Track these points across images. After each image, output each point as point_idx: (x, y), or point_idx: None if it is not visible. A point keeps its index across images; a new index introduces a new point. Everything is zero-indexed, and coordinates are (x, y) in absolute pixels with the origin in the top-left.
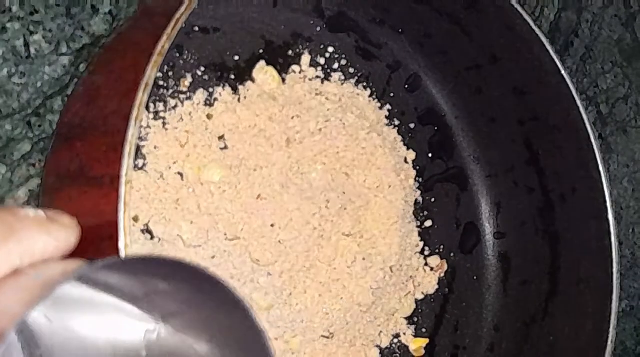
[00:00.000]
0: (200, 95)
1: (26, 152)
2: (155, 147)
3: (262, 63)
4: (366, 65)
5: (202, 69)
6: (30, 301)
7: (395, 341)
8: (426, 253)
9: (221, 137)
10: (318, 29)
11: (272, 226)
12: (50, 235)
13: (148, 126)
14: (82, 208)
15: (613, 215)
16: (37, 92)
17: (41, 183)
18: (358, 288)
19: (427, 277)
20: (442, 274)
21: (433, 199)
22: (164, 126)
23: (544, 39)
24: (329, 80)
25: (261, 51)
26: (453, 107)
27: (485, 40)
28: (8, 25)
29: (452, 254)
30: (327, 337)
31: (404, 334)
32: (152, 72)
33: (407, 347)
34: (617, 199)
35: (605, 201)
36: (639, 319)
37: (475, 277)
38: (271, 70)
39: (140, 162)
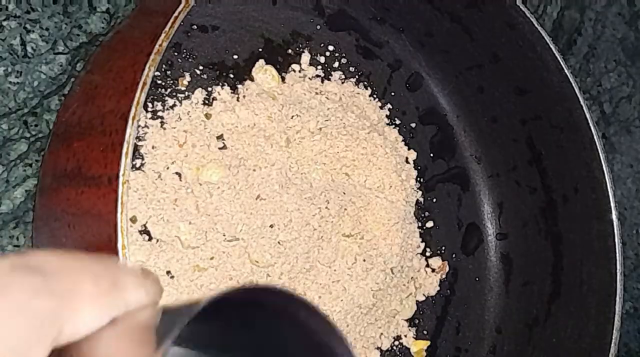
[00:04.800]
0: (199, 94)
1: (22, 151)
2: (153, 147)
3: (261, 62)
4: (367, 64)
5: (201, 67)
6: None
7: (396, 343)
8: (427, 254)
9: (220, 137)
10: (318, 27)
11: (271, 226)
12: (144, 289)
13: (146, 126)
14: (80, 208)
15: (616, 215)
16: (34, 91)
17: (38, 183)
18: (358, 290)
19: (429, 279)
20: (444, 276)
21: (434, 200)
22: (162, 126)
23: (546, 38)
24: (329, 79)
25: (260, 50)
26: (454, 107)
27: (486, 39)
28: (4, 23)
29: (453, 255)
30: None
31: (405, 336)
32: (150, 71)
33: (408, 349)
34: (621, 199)
35: (608, 201)
36: None
37: (477, 279)
38: (270, 69)
39: (138, 162)
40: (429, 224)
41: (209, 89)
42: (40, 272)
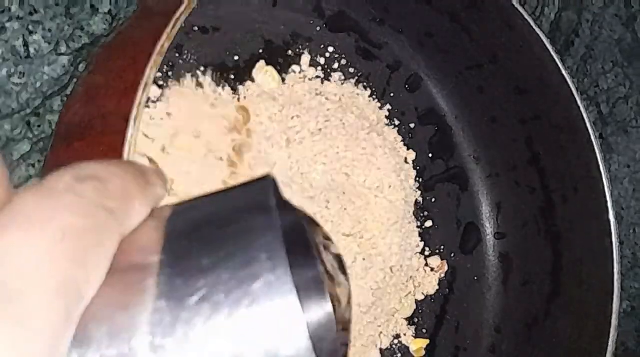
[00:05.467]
0: None
1: (25, 152)
2: None
3: (261, 63)
4: (366, 65)
5: (202, 68)
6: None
7: (396, 341)
8: (426, 253)
9: None
10: (318, 28)
11: None
12: (165, 185)
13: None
14: None
15: (614, 215)
16: (37, 92)
17: None
18: (358, 289)
19: (428, 278)
20: (443, 275)
21: (433, 199)
22: None
23: (544, 39)
24: (329, 80)
25: (261, 51)
26: (453, 107)
27: (485, 40)
28: (7, 25)
29: (452, 255)
30: None
31: (405, 334)
32: (151, 72)
33: (407, 348)
34: (618, 199)
35: (606, 201)
36: None
37: (475, 278)
38: (271, 70)
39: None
40: (428, 223)
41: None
42: (98, 179)
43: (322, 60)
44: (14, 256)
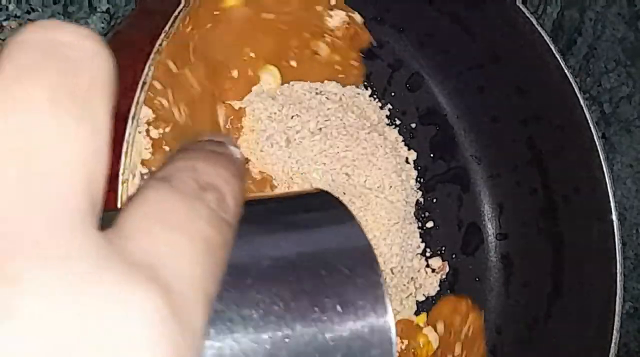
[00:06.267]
0: None
1: None
2: None
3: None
4: (367, 64)
5: None
6: None
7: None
8: (427, 254)
9: None
10: None
11: None
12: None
13: None
14: None
15: (616, 215)
16: None
17: None
18: None
19: (429, 279)
20: (444, 276)
21: (434, 200)
22: None
23: (546, 38)
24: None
25: None
26: (454, 107)
27: (487, 39)
28: (5, 24)
29: (453, 256)
30: None
31: None
32: (150, 71)
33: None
34: (621, 199)
35: (608, 202)
36: None
37: (477, 279)
38: (271, 69)
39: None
40: (429, 224)
41: None
42: (217, 190)
43: None
44: (167, 263)
